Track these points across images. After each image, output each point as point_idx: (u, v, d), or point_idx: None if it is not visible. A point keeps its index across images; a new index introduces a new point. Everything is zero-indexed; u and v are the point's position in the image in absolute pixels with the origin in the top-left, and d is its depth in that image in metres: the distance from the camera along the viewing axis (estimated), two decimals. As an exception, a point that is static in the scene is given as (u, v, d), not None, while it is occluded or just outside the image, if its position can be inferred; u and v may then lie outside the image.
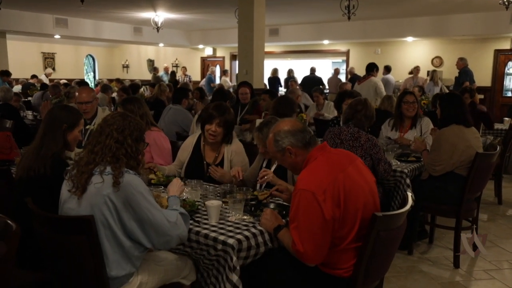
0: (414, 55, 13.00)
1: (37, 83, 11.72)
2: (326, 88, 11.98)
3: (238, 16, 8.51)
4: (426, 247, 4.04)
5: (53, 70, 15.71)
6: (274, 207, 2.53)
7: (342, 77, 13.02)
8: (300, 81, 11.94)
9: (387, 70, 10.85)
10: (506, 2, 7.88)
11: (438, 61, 12.77)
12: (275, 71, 13.12)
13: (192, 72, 16.03)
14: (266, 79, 11.32)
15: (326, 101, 7.05)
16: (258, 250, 2.19)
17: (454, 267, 3.62)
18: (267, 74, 12.17)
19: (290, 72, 12.73)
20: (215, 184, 3.04)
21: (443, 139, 3.61)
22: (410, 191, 3.45)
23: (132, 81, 12.58)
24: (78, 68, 17.47)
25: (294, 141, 2.21)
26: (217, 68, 16.31)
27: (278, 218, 2.26)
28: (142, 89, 10.09)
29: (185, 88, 6.96)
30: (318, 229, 1.97)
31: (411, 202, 2.21)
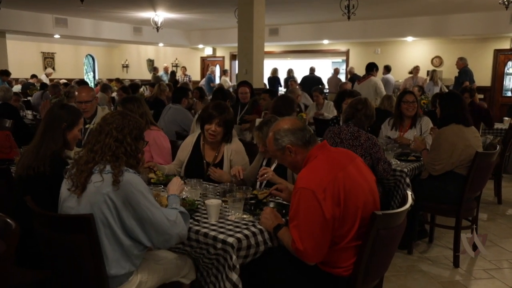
0: (414, 55, 13.01)
1: (36, 83, 11.72)
2: (326, 87, 11.98)
3: (237, 15, 8.51)
4: (426, 247, 4.04)
5: (53, 70, 15.69)
6: (273, 206, 2.52)
7: (342, 77, 13.03)
8: (299, 81, 11.95)
9: (387, 70, 10.85)
10: (506, 2, 7.87)
11: (438, 61, 12.77)
12: (275, 71, 13.12)
13: (191, 72, 16.01)
14: (266, 79, 11.32)
15: (325, 100, 7.05)
16: (258, 249, 2.19)
17: (454, 267, 3.62)
18: (267, 74, 12.17)
19: (290, 72, 12.74)
20: (215, 183, 3.04)
21: (443, 139, 3.61)
22: (410, 191, 3.45)
23: (131, 81, 12.58)
24: (78, 68, 17.45)
25: (294, 139, 2.21)
26: (217, 68, 16.31)
27: (278, 217, 2.26)
28: (142, 88, 10.08)
29: (184, 87, 6.95)
30: (318, 227, 1.96)
31: (411, 201, 2.21)
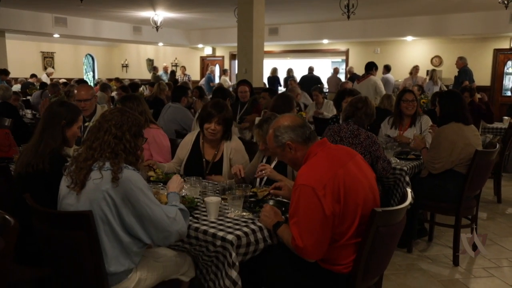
0: (413, 55, 13.01)
1: (36, 83, 11.71)
2: (325, 87, 11.98)
3: (237, 15, 8.51)
4: (425, 245, 4.04)
5: (52, 69, 15.68)
6: (273, 204, 2.52)
7: (341, 76, 13.03)
8: (298, 80, 11.94)
9: (387, 69, 10.84)
10: (506, 1, 7.85)
11: (437, 60, 12.78)
12: (275, 71, 13.12)
13: (191, 71, 16.01)
14: (265, 79, 11.32)
15: (325, 100, 7.05)
16: (257, 247, 2.18)
17: (454, 265, 3.62)
18: (267, 73, 12.17)
19: (289, 71, 12.74)
20: (214, 181, 3.04)
21: (443, 137, 3.61)
22: (409, 189, 3.45)
23: (131, 80, 12.56)
24: (78, 67, 17.44)
25: (294, 136, 2.20)
26: (216, 67, 16.30)
27: (278, 214, 2.25)
28: (142, 88, 10.08)
29: (184, 86, 6.95)
30: (318, 224, 1.96)
31: (411, 198, 2.21)
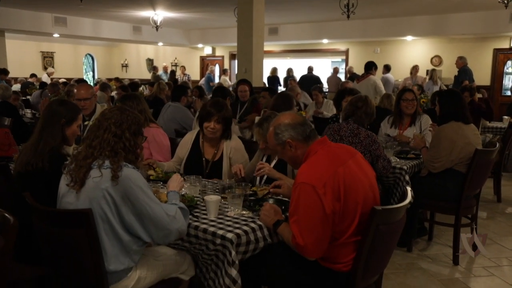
0: (413, 54, 13.01)
1: (36, 82, 11.70)
2: (325, 87, 11.98)
3: (237, 15, 8.51)
4: (425, 244, 4.04)
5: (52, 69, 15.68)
6: (273, 203, 2.51)
7: (341, 76, 13.03)
8: (298, 80, 11.94)
9: (387, 69, 10.84)
10: (506, 1, 7.85)
11: (437, 60, 12.78)
12: (274, 70, 13.12)
13: (191, 71, 16.01)
14: (265, 78, 11.32)
15: (325, 99, 7.05)
16: (257, 245, 2.18)
17: (454, 264, 3.62)
18: (266, 73, 12.16)
19: (289, 71, 12.74)
20: (214, 180, 3.05)
21: (442, 136, 3.61)
22: (409, 188, 3.45)
23: (131, 80, 12.55)
24: (77, 67, 17.44)
25: (294, 134, 2.20)
26: (216, 67, 16.30)
27: (278, 213, 2.25)
28: (142, 88, 10.08)
29: (184, 85, 6.96)
30: (318, 222, 1.96)
31: (410, 197, 2.20)
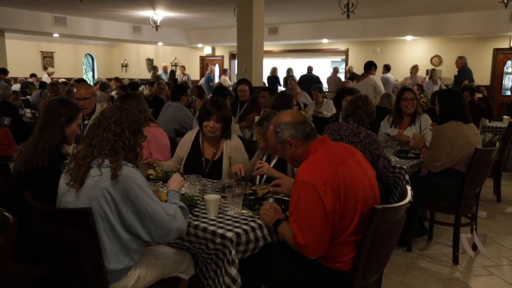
0: (413, 54, 13.01)
1: (36, 82, 11.69)
2: (324, 86, 11.98)
3: (237, 14, 8.51)
4: (425, 244, 4.04)
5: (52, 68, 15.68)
6: (273, 202, 2.51)
7: (341, 76, 13.02)
8: (297, 80, 11.94)
9: (387, 69, 10.84)
10: (505, 1, 7.85)
11: (437, 60, 12.78)
12: (274, 70, 13.12)
13: (191, 71, 16.00)
14: (265, 78, 11.32)
15: (325, 99, 7.05)
16: (257, 244, 2.18)
17: (453, 264, 3.62)
18: (266, 73, 12.17)
19: (289, 71, 12.75)
20: (214, 179, 3.04)
21: (442, 135, 3.61)
22: (409, 187, 3.45)
23: (131, 80, 12.55)
24: (77, 67, 17.43)
25: (295, 132, 2.20)
26: (216, 67, 16.30)
27: (278, 212, 2.24)
28: (141, 87, 10.07)
29: (184, 85, 6.95)
30: (318, 221, 1.96)
31: (410, 196, 2.20)
